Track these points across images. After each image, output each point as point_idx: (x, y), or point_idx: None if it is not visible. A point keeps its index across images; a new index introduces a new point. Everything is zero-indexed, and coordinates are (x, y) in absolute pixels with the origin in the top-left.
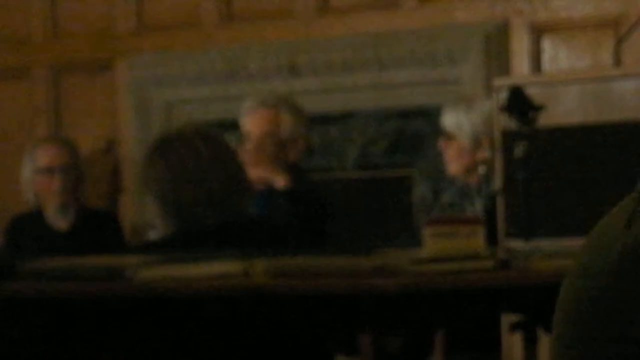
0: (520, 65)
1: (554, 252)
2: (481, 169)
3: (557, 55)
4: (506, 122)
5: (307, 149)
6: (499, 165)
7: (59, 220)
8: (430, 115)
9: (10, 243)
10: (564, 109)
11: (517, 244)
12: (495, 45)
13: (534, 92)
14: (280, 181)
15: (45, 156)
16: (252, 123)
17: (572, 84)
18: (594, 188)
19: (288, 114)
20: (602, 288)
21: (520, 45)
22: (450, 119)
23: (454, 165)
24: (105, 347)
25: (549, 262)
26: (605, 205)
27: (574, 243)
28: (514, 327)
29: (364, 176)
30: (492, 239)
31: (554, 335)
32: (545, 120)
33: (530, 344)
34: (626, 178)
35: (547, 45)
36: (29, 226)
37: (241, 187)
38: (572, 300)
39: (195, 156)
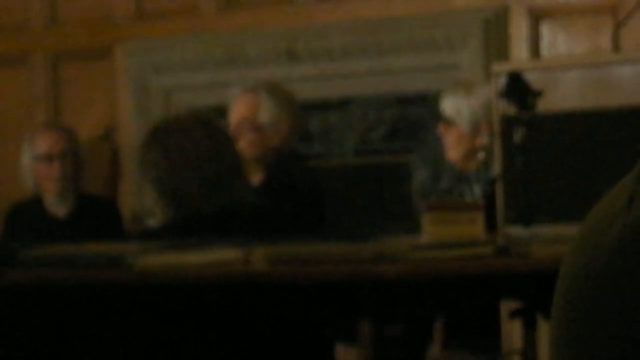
0: (519, 51)
1: (553, 238)
2: (480, 155)
3: (555, 41)
4: (505, 107)
5: (297, 134)
6: (498, 150)
7: (58, 207)
8: (429, 101)
9: (10, 230)
10: (563, 94)
11: (517, 230)
12: (494, 31)
13: (532, 78)
14: (255, 177)
15: (44, 143)
16: (233, 110)
17: (571, 69)
18: (593, 173)
19: (268, 100)
20: (601, 268)
21: (519, 31)
22: (449, 105)
23: (453, 151)
24: (105, 333)
25: (548, 249)
26: (604, 190)
27: (574, 229)
28: (513, 314)
29: (362, 162)
30: (491, 225)
31: (552, 318)
32: (544, 105)
33: (530, 330)
34: (625, 162)
35: (546, 30)
36: (29, 213)
37: (238, 174)
38: (571, 281)
39: (192, 143)
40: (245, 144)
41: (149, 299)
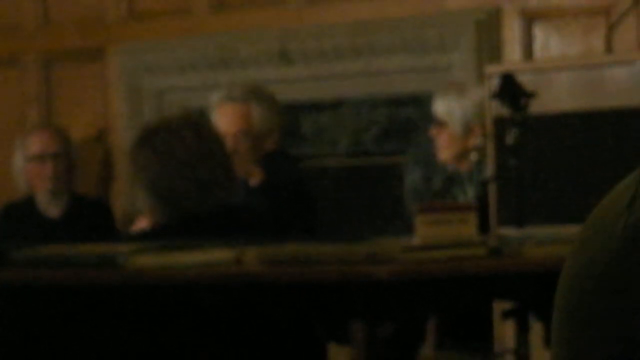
0: (512, 52)
1: (546, 239)
2: (473, 156)
3: (548, 42)
4: (498, 109)
5: (283, 134)
6: (490, 152)
7: (50, 207)
8: (421, 102)
9: (2, 231)
10: (555, 96)
11: (509, 231)
12: (487, 32)
13: (525, 79)
14: (253, 178)
15: (36, 144)
16: (223, 120)
17: (564, 70)
18: (585, 175)
19: (259, 108)
20: (603, 268)
21: (511, 32)
22: (441, 106)
23: (445, 152)
24: (97, 334)
25: (541, 250)
26: (597, 192)
27: (566, 230)
28: (505, 315)
29: (355, 164)
30: (484, 226)
31: (553, 318)
32: (537, 107)
33: (522, 331)
34: (618, 164)
35: (539, 32)
36: (21, 214)
37: (229, 175)
38: (573, 281)
39: (183, 145)
40: (244, 152)
41: (141, 299)
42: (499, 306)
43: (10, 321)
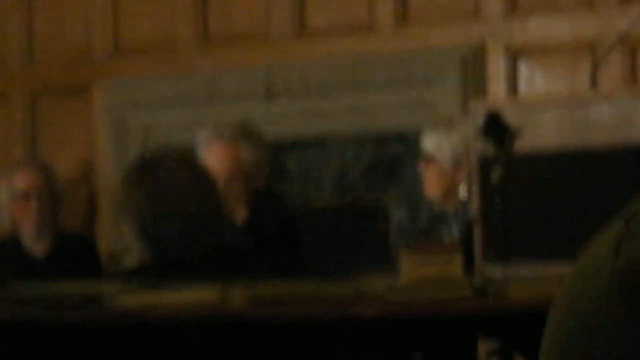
0: (497, 88)
1: (531, 278)
2: (462, 189)
3: (533, 78)
4: (483, 146)
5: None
6: (475, 190)
7: (35, 245)
8: (406, 138)
9: None
10: (540, 132)
11: (494, 270)
12: (472, 68)
13: (510, 115)
14: (238, 217)
15: (21, 180)
16: (212, 159)
17: (549, 107)
18: (570, 213)
19: (248, 147)
20: (590, 312)
21: (496, 68)
22: (430, 141)
23: (433, 187)
24: None
25: (525, 289)
26: (582, 230)
27: (551, 268)
28: (491, 354)
29: (340, 201)
30: (469, 264)
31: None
32: (521, 143)
33: None
34: (603, 201)
35: (524, 68)
36: (6, 252)
37: (220, 217)
38: (559, 325)
39: (176, 186)
40: (235, 193)
41: (127, 338)
42: (484, 346)
43: None
